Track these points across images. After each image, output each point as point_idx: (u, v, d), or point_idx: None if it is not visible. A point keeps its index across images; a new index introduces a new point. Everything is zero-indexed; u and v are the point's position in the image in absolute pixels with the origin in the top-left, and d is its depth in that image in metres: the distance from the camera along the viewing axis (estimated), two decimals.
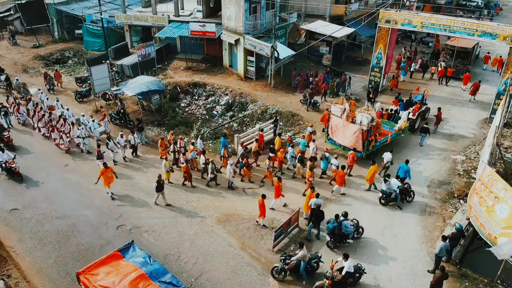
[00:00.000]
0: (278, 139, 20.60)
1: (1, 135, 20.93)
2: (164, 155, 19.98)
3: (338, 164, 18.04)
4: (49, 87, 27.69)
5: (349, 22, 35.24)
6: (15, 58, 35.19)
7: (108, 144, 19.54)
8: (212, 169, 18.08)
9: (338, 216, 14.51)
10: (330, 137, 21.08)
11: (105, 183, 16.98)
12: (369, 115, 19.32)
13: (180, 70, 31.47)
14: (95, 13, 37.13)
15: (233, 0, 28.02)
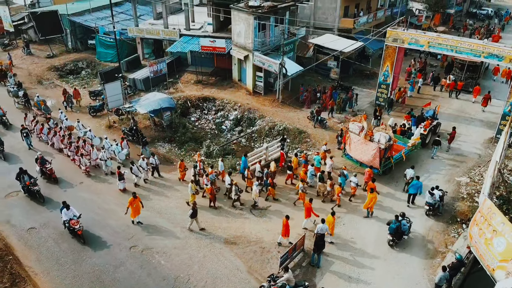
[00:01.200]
0: (295, 158, 21.21)
1: (43, 168, 20.41)
2: (183, 177, 20.56)
3: (358, 182, 19.02)
4: (66, 105, 28.19)
5: (358, 35, 35.87)
6: (29, 69, 36.19)
7: (132, 168, 20.08)
8: (236, 190, 18.57)
9: (398, 217, 16.16)
10: (347, 153, 21.79)
11: (133, 213, 17.40)
12: (387, 135, 20.04)
13: (191, 84, 32.16)
14: (108, 24, 37.98)
15: (242, 18, 28.60)
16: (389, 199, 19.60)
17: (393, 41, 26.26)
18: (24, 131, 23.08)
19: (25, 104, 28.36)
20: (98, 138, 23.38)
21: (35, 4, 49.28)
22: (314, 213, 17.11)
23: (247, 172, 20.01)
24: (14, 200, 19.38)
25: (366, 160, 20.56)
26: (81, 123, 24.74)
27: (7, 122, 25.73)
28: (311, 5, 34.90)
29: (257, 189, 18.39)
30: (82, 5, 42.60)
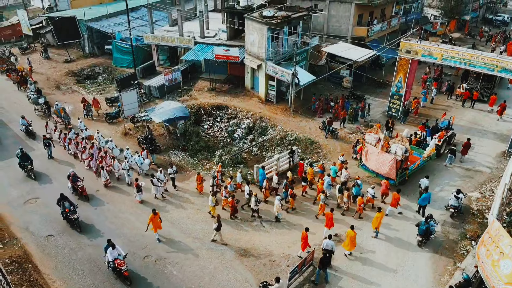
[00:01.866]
0: (310, 169, 21.46)
1: (75, 185, 20.30)
2: (201, 189, 20.96)
3: (374, 193, 19.38)
4: (86, 113, 28.76)
5: (371, 43, 35.90)
6: (48, 74, 37.18)
7: (152, 181, 20.36)
8: (256, 201, 18.92)
9: (427, 219, 17.21)
10: (363, 163, 22.08)
11: (154, 228, 17.60)
12: (404, 146, 20.32)
13: (204, 91, 32.66)
14: (124, 30, 38.71)
15: (256, 28, 28.94)
16: (402, 209, 19.77)
17: (406, 53, 26.29)
18: (47, 141, 23.49)
19: (45, 111, 28.98)
20: (118, 149, 23.78)
21: (53, 8, 50.43)
22: (332, 224, 17.50)
23: (265, 183, 20.29)
24: (33, 207, 20.10)
25: (382, 171, 20.96)
26: (100, 134, 24.98)
27: (32, 132, 26.13)
28: (325, 14, 35.00)
29: (279, 202, 18.71)
30: (99, 10, 43.52)
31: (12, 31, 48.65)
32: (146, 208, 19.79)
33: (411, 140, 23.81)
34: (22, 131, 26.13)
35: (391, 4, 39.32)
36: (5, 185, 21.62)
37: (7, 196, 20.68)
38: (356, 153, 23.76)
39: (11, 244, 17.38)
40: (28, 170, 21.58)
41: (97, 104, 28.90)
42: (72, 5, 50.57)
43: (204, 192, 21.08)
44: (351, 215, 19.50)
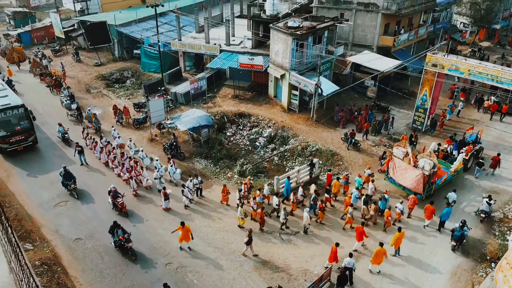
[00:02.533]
0: (336, 182, 21.63)
1: (115, 201, 20.29)
2: (226, 200, 21.39)
3: (403, 209, 19.56)
4: (117, 120, 29.62)
5: (397, 53, 35.59)
6: (79, 76, 38.62)
7: (183, 191, 20.84)
8: (285, 215, 19.26)
9: (463, 226, 17.79)
10: (389, 176, 22.22)
11: (181, 238, 18.02)
12: (431, 162, 20.48)
13: (228, 98, 33.23)
14: (152, 35, 39.74)
15: (281, 38, 29.24)
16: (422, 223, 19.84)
17: (432, 66, 26.04)
18: (78, 148, 24.26)
19: (77, 117, 29.89)
20: (148, 159, 24.29)
21: (84, 11, 52.24)
22: (365, 235, 17.77)
23: (293, 197, 20.54)
24: (63, 210, 21.07)
25: (409, 185, 21.08)
26: (132, 142, 25.61)
27: (68, 139, 26.90)
28: (350, 24, 34.90)
29: (308, 215, 19.02)
30: (129, 15, 44.79)
31: (45, 32, 50.59)
32: (171, 216, 20.54)
33: (438, 154, 23.76)
34: (59, 137, 26.97)
35: (419, 13, 38.77)
36: (37, 187, 22.69)
37: (38, 198, 21.73)
38: (382, 165, 23.85)
39: (41, 247, 18.33)
40: (71, 189, 21.60)
41: (127, 112, 29.71)
42: (103, 8, 52.37)
43: (230, 204, 21.44)
44: (374, 228, 19.63)
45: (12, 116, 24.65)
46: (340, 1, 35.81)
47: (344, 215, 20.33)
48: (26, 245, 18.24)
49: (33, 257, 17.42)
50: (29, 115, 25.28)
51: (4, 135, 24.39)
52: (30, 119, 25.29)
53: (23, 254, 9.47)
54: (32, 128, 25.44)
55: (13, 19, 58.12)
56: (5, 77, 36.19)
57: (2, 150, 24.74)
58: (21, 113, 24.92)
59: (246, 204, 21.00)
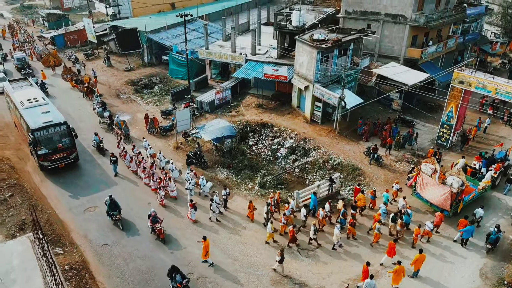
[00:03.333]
0: (362, 196, 21.86)
1: (153, 226, 19.97)
2: (252, 216, 21.63)
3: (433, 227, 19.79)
4: (148, 129, 30.34)
5: (424, 65, 35.15)
6: (109, 81, 40.02)
7: (211, 205, 21.28)
8: (315, 230, 19.58)
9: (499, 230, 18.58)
10: (417, 192, 22.38)
11: (204, 253, 18.41)
12: (460, 179, 20.67)
13: (251, 107, 33.74)
14: (181, 42, 40.71)
15: (306, 50, 29.48)
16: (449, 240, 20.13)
17: (459, 83, 25.70)
18: (113, 158, 24.81)
19: (109, 125, 30.65)
20: (177, 171, 24.80)
21: (116, 15, 53.99)
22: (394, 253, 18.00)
23: (323, 213, 20.75)
24: (92, 215, 22.10)
25: (436, 202, 21.26)
26: (162, 154, 26.03)
27: (103, 149, 27.45)
28: (377, 36, 34.71)
29: (339, 231, 19.33)
30: (158, 21, 45.99)
31: (78, 36, 52.56)
32: (194, 226, 21.22)
33: (466, 170, 23.71)
34: (94, 146, 27.56)
35: (448, 25, 38.10)
36: (68, 192, 23.76)
37: (69, 203, 22.83)
38: (409, 180, 23.93)
39: (71, 251, 19.34)
40: (116, 220, 20.79)
41: (156, 122, 30.45)
42: (134, 13, 53.96)
43: (256, 220, 21.79)
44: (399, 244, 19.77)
45: (54, 133, 24.26)
46: (367, 12, 35.67)
47: (370, 230, 20.54)
48: (56, 249, 19.31)
49: (62, 261, 18.44)
50: (71, 132, 24.85)
51: (46, 153, 24.00)
52: (72, 136, 24.89)
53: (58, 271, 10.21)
54: (74, 145, 25.12)
55: (47, 20, 60.66)
56: (39, 80, 37.99)
57: (43, 168, 24.50)
58: (63, 130, 24.53)
59: (273, 218, 21.37)
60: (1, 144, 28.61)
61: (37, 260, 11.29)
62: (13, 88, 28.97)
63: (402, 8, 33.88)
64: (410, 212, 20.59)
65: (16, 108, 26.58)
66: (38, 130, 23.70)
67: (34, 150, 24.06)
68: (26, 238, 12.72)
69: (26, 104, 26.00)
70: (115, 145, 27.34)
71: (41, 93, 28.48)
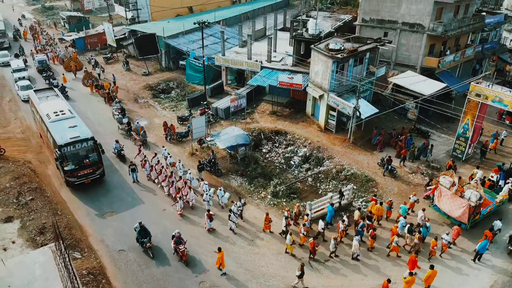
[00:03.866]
0: (379, 207, 22.06)
1: (177, 248, 19.61)
2: (268, 228, 21.84)
3: (450, 240, 19.94)
4: (166, 136, 30.83)
5: (441, 75, 34.86)
6: (128, 86, 40.85)
7: (230, 216, 21.53)
8: (335, 244, 19.81)
9: None
10: (435, 204, 22.56)
11: (218, 262, 18.94)
12: (478, 193, 20.75)
13: (266, 114, 34.04)
14: (198, 48, 41.26)
15: (321, 59, 29.62)
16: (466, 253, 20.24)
17: (475, 96, 25.49)
18: (132, 166, 25.30)
19: (127, 131, 31.19)
20: (196, 180, 25.10)
21: (135, 19, 54.99)
22: (417, 266, 18.27)
23: (343, 225, 20.96)
24: (109, 221, 22.75)
25: (454, 215, 21.44)
26: (181, 164, 26.22)
27: (124, 156, 28.01)
28: (393, 46, 34.59)
29: (357, 242, 19.59)
30: (177, 25, 46.69)
31: (98, 39, 53.67)
32: (208, 235, 21.70)
33: (483, 183, 23.62)
34: (114, 154, 28.07)
35: (466, 34, 37.65)
36: (86, 197, 24.46)
37: (87, 208, 23.53)
38: (426, 192, 24.04)
39: (88, 256, 20.00)
40: (146, 248, 20.11)
41: (174, 130, 30.94)
42: (152, 17, 54.89)
43: (273, 232, 22.00)
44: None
45: (81, 149, 23.91)
46: (385, 20, 35.55)
47: (389, 244, 20.66)
48: (75, 254, 20.03)
49: (80, 266, 19.11)
50: (98, 148, 24.43)
51: (72, 169, 23.76)
52: (99, 151, 24.50)
53: (78, 283, 10.70)
54: (100, 161, 24.76)
55: (68, 23, 62.05)
56: (59, 83, 39.13)
57: (69, 184, 24.31)
58: (90, 145, 24.12)
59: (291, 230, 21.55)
60: (23, 147, 29.59)
61: (58, 271, 11.83)
62: (39, 99, 28.62)
63: (419, 17, 33.67)
64: (428, 225, 20.72)
65: (42, 120, 26.29)
66: (65, 146, 23.33)
67: (60, 165, 23.78)
68: (48, 248, 13.32)
69: (52, 117, 25.61)
70: (134, 152, 27.80)
71: (68, 105, 28.13)
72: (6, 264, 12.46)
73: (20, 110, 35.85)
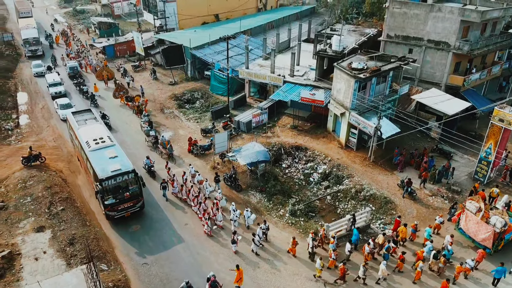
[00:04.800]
0: (404, 229, 22.38)
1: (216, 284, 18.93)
2: (294, 252, 22.10)
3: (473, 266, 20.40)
4: (191, 151, 31.48)
5: (467, 93, 34.47)
6: (154, 95, 42.12)
7: (254, 239, 21.94)
8: (364, 271, 20.16)
9: None
10: (460, 227, 23.07)
11: (236, 280, 19.43)
12: (503, 220, 21.27)
13: (287, 129, 34.53)
14: (223, 59, 42.10)
15: (344, 78, 29.87)
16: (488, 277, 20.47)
17: (499, 121, 25.25)
18: (163, 184, 26.02)
19: (153, 144, 32.19)
20: (224, 200, 25.49)
21: (163, 27, 56.37)
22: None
23: (369, 248, 21.23)
24: (135, 234, 23.81)
25: (479, 239, 21.92)
26: (208, 183, 26.64)
27: (154, 173, 28.67)
28: (417, 66, 34.42)
29: (385, 267, 19.99)
30: (202, 34, 47.74)
31: (127, 46, 55.36)
32: (227, 251, 22.39)
33: (509, 207, 23.55)
34: (144, 169, 28.65)
35: (493, 51, 36.99)
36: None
37: (114, 220, 24.36)
38: (452, 215, 24.26)
39: (114, 269, 21.09)
40: None
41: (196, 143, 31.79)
42: (180, 25, 56.18)
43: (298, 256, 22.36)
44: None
45: (122, 182, 23.36)
46: (410, 37, 35.42)
47: (413, 266, 20.95)
48: (101, 266, 21.13)
49: (107, 278, 20.17)
50: (139, 180, 23.84)
51: (113, 203, 23.25)
52: (140, 184, 23.90)
53: None
54: (141, 194, 24.15)
55: (99, 28, 64.17)
56: (89, 90, 40.76)
57: (109, 217, 23.86)
58: (131, 178, 23.53)
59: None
60: (55, 156, 31.11)
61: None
62: (77, 122, 28.11)
63: (445, 35, 33.42)
64: (450, 248, 21.11)
65: (82, 147, 25.81)
66: (106, 180, 22.75)
67: (101, 199, 23.34)
68: (80, 271, 14.34)
69: (92, 145, 25.05)
70: (160, 163, 28.82)
71: (107, 131, 27.54)
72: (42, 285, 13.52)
73: (52, 118, 37.60)
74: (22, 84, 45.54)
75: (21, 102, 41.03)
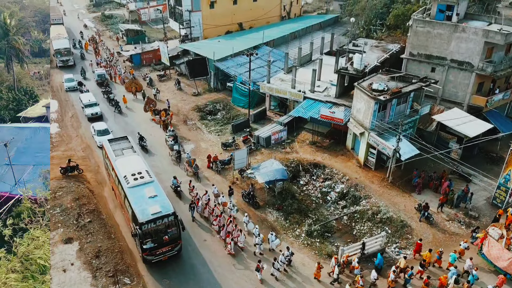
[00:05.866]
0: (428, 254, 22.67)
1: None
2: (319, 276, 22.41)
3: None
4: (211, 167, 32.10)
5: (489, 114, 34.11)
6: (178, 106, 43.29)
7: (274, 264, 22.24)
8: None
9: None
10: (483, 252, 23.34)
11: None
12: None
13: (305, 144, 35.01)
14: (245, 71, 42.87)
15: (364, 98, 30.13)
16: None
17: None
18: (192, 205, 26.58)
19: (176, 159, 33.07)
20: (252, 223, 25.70)
21: (188, 35, 57.64)
22: None
23: (393, 275, 21.41)
24: None
25: (501, 265, 22.19)
26: (232, 204, 27.29)
27: (181, 192, 29.00)
28: (439, 87, 34.23)
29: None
30: (226, 45, 48.69)
31: (153, 55, 56.87)
32: (247, 273, 23.09)
33: None
34: (171, 187, 29.22)
35: None
36: None
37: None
38: (475, 239, 24.43)
39: (137, 282, 22.21)
40: None
41: (216, 159, 32.51)
42: (204, 34, 57.32)
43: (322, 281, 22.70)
44: None
45: (162, 225, 22.32)
46: (432, 56, 35.28)
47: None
48: (124, 279, 22.33)
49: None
50: (179, 224, 22.78)
51: (151, 247, 22.18)
52: (179, 227, 22.85)
53: None
54: (179, 237, 23.11)
55: (126, 35, 66.12)
56: (116, 99, 42.47)
57: (147, 261, 22.81)
58: (171, 221, 22.47)
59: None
60: (83, 167, 32.50)
61: None
62: (114, 152, 27.33)
63: (469, 56, 33.17)
64: (475, 273, 21.30)
65: (119, 181, 24.86)
66: (146, 223, 21.77)
67: (139, 243, 22.21)
68: None
69: (131, 181, 24.18)
70: (183, 176, 29.97)
71: (145, 163, 26.53)
72: None
73: (81, 127, 39.27)
74: (52, 91, 47.65)
75: (52, 110, 42.97)
